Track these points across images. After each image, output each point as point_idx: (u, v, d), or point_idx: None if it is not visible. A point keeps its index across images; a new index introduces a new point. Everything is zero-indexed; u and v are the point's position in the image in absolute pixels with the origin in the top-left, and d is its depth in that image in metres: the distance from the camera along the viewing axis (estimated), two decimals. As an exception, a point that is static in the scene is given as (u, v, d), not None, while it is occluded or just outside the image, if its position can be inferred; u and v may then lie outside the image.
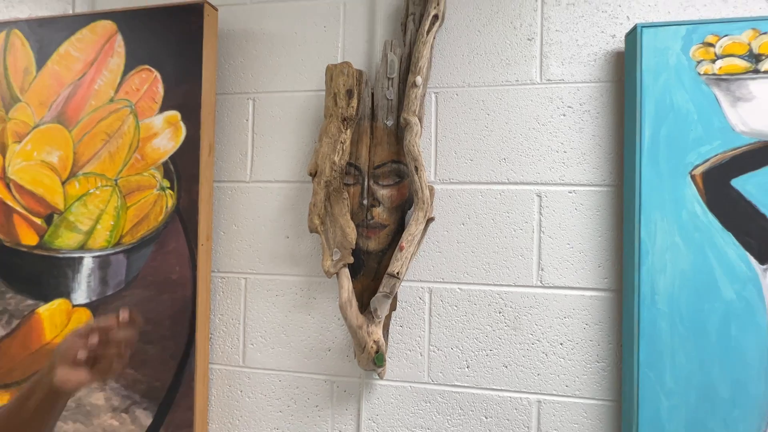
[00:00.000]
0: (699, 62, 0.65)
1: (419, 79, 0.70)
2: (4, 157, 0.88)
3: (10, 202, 0.88)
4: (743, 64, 0.64)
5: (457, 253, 0.76)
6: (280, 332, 0.82)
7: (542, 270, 0.74)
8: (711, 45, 0.64)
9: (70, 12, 0.92)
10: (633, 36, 0.68)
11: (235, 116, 0.85)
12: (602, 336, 0.72)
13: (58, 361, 0.45)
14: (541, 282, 0.74)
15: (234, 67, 0.85)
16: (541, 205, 0.74)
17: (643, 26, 0.67)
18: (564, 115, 0.74)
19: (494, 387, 0.74)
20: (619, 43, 0.72)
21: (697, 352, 0.64)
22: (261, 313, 0.83)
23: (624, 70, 0.71)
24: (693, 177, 0.65)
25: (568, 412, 0.72)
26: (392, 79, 0.73)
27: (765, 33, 0.63)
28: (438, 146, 0.78)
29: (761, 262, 0.63)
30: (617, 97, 0.72)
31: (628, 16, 0.72)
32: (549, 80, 0.74)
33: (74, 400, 0.83)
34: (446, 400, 0.76)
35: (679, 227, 0.65)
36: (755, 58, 0.63)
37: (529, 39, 0.75)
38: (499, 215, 0.75)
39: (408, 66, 0.73)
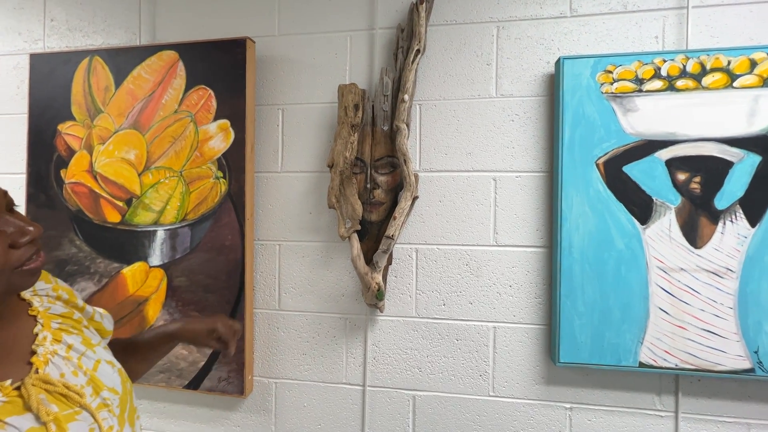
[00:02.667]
0: (602, 84, 0.92)
1: (407, 97, 0.97)
2: (91, 155, 1.15)
3: (97, 190, 1.15)
4: (631, 85, 0.91)
5: (436, 222, 1.04)
6: (305, 283, 1.11)
7: (497, 233, 1.02)
8: (610, 72, 0.92)
9: (137, 41, 1.18)
10: (558, 64, 0.95)
11: (269, 122, 1.12)
12: (538, 279, 1.00)
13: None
14: (496, 242, 1.02)
15: (267, 85, 1.12)
16: (496, 187, 1.02)
17: (565, 58, 0.94)
18: (512, 121, 1.01)
19: (463, 318, 1.03)
20: (551, 68, 0.99)
21: (599, 286, 0.93)
22: (291, 269, 1.11)
23: (553, 88, 0.98)
24: (597, 165, 0.93)
25: (515, 333, 1.01)
26: (387, 95, 1.00)
27: (647, 63, 0.90)
28: (421, 144, 1.05)
29: (642, 223, 0.91)
30: (549, 108, 0.99)
31: (558, 48, 0.99)
32: (502, 95, 1.02)
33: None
34: (429, 329, 1.05)
35: (588, 200, 0.93)
36: (640, 81, 0.91)
37: (487, 64, 1.02)
38: (466, 194, 1.03)
39: (399, 86, 1.00)
